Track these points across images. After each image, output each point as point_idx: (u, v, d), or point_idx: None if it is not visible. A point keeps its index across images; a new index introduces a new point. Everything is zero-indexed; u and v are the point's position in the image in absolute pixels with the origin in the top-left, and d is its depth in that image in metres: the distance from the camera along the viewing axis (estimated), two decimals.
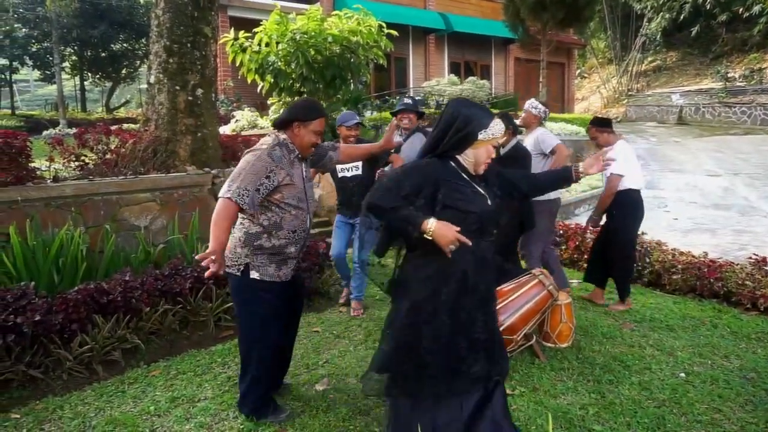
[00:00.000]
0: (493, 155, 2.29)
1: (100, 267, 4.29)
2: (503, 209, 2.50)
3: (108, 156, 5.29)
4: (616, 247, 4.50)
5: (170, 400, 3.12)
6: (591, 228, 5.28)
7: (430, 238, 2.05)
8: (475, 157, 2.22)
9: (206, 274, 2.53)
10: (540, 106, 4.77)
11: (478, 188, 2.25)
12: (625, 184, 4.40)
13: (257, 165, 2.62)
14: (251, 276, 2.70)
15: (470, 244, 2.07)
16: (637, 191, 4.47)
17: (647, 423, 2.81)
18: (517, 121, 4.85)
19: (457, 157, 2.24)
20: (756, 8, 20.62)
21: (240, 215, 2.70)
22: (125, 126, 8.85)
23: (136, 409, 3.04)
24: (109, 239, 4.42)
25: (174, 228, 4.93)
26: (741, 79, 21.20)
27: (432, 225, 2.04)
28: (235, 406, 3.04)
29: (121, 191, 4.79)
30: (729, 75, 21.66)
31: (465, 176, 2.24)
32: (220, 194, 2.59)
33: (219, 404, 3.07)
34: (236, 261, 2.71)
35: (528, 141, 4.75)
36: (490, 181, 2.35)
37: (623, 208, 4.44)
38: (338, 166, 4.13)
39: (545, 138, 4.58)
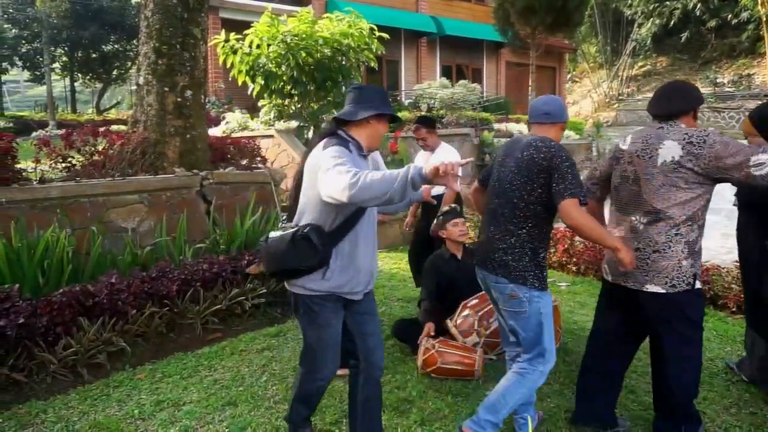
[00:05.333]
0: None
1: (86, 269, 4.25)
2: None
3: (95, 157, 5.24)
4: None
5: (155, 404, 3.10)
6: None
7: None
8: None
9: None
10: None
11: None
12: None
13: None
14: (696, 287, 2.41)
15: None
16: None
17: (631, 426, 2.81)
18: None
19: None
20: (744, 15, 20.86)
21: (675, 226, 2.38)
22: (115, 127, 8.80)
23: (121, 413, 3.01)
24: (96, 241, 4.38)
25: (162, 230, 4.89)
26: (730, 85, 21.44)
27: None
28: (220, 408, 3.02)
29: (108, 193, 4.75)
30: (718, 80, 21.89)
31: None
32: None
33: (204, 407, 3.05)
34: (684, 277, 2.39)
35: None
36: None
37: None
38: None
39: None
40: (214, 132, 9.10)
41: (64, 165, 5.07)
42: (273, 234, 2.33)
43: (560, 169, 2.32)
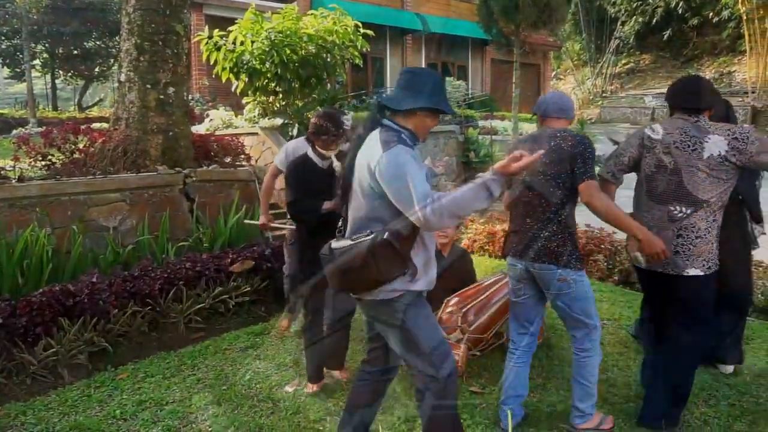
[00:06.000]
0: None
1: (67, 268, 4.20)
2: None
3: (76, 155, 5.19)
4: None
5: (137, 404, 3.07)
6: None
7: None
8: None
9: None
10: None
11: None
12: None
13: None
14: (712, 272, 2.58)
15: None
16: None
17: (614, 419, 2.85)
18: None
19: None
20: (725, 13, 21.13)
21: (713, 212, 2.53)
22: (97, 125, 8.70)
23: (102, 414, 2.98)
24: (77, 240, 4.33)
25: (144, 228, 4.85)
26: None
27: None
28: (203, 407, 3.00)
29: (89, 191, 4.69)
30: None
31: None
32: None
33: (187, 407, 3.03)
34: (714, 258, 2.56)
35: None
36: None
37: None
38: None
39: None
40: (198, 129, 9.02)
41: (44, 163, 5.02)
42: (337, 244, 2.03)
43: (584, 155, 2.48)
